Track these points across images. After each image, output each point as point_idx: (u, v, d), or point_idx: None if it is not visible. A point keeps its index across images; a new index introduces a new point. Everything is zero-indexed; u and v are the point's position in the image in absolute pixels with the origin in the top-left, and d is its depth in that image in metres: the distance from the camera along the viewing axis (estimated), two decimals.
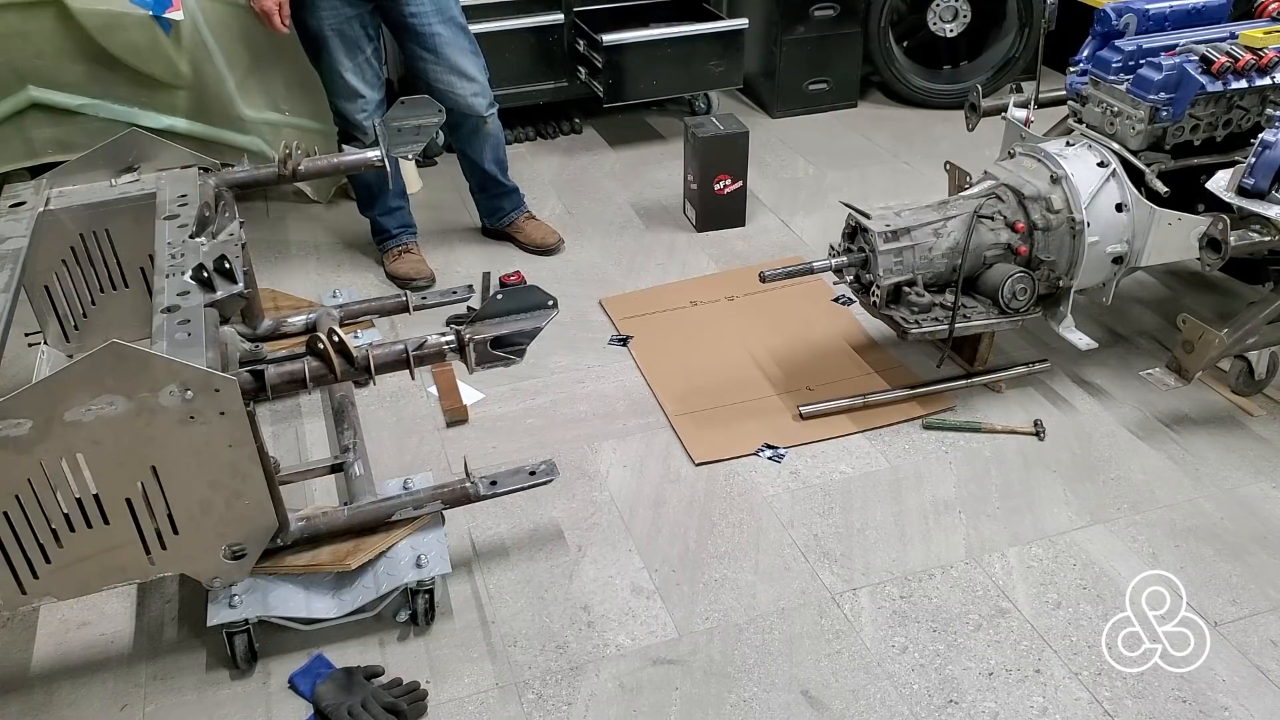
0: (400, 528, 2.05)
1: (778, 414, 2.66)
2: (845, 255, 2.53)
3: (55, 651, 2.05)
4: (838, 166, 4.06)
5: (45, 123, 3.35)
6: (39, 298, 2.37)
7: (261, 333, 2.66)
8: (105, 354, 1.60)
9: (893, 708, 1.90)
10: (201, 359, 1.72)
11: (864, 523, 2.33)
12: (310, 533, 2.00)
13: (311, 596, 2.00)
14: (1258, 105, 2.52)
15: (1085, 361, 2.79)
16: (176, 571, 1.86)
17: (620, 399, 2.75)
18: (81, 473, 1.69)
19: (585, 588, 2.17)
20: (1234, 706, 1.89)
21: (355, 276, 3.35)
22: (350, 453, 2.32)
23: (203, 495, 1.79)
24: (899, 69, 4.51)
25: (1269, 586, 2.14)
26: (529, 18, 4.09)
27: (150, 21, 3.18)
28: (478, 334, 1.87)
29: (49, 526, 1.72)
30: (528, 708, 1.92)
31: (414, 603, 2.04)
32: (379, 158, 2.56)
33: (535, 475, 2.14)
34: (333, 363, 1.80)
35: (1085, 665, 1.98)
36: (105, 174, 2.37)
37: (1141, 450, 2.52)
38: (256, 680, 1.97)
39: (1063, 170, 2.47)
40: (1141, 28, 2.59)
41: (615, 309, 3.13)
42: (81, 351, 2.40)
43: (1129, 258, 2.51)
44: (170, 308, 1.87)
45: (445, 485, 2.11)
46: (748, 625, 2.08)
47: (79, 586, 1.82)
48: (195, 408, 1.69)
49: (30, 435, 1.62)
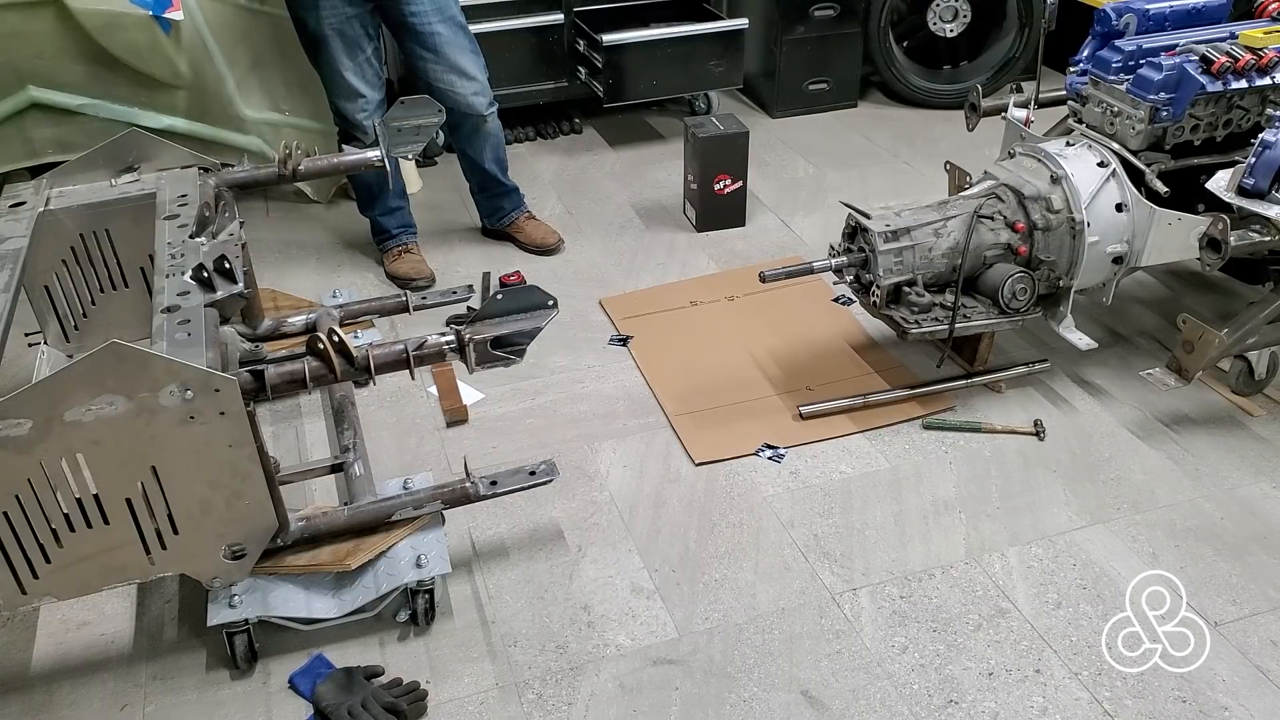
0: (400, 528, 2.05)
1: (778, 414, 2.66)
2: (845, 255, 2.53)
3: (55, 651, 2.05)
4: (838, 166, 4.06)
5: (45, 123, 3.36)
6: (39, 298, 2.37)
7: (261, 333, 2.66)
8: (105, 354, 1.60)
9: (893, 708, 1.90)
10: (201, 359, 1.72)
11: (864, 523, 2.33)
12: (310, 533, 2.00)
13: (311, 596, 2.00)
14: (1258, 105, 2.52)
15: (1085, 361, 2.79)
16: (176, 571, 1.86)
17: (620, 399, 2.75)
18: (81, 473, 1.69)
19: (585, 588, 2.17)
20: (1234, 706, 1.89)
21: (355, 276, 3.35)
22: (350, 453, 2.32)
23: (203, 495, 1.79)
24: (899, 69, 4.51)
25: (1269, 586, 2.14)
26: (529, 18, 4.09)
27: (150, 21, 3.18)
28: (478, 334, 1.87)
29: (49, 526, 1.73)
30: (528, 708, 1.92)
31: (414, 603, 2.04)
32: (379, 158, 2.56)
33: (535, 475, 2.15)
34: (333, 363, 1.80)
35: (1085, 665, 1.98)
36: (105, 174, 2.38)
37: (1141, 450, 2.52)
38: (256, 680, 1.97)
39: (1063, 170, 2.47)
40: (1141, 28, 2.59)
41: (615, 309, 3.13)
42: (82, 351, 2.39)
43: (1129, 258, 2.51)
44: (170, 308, 1.87)
45: (445, 485, 2.11)
46: (748, 625, 2.08)
47: (79, 586, 1.82)
48: (195, 408, 1.69)
49: (30, 435, 1.62)
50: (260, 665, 1.99)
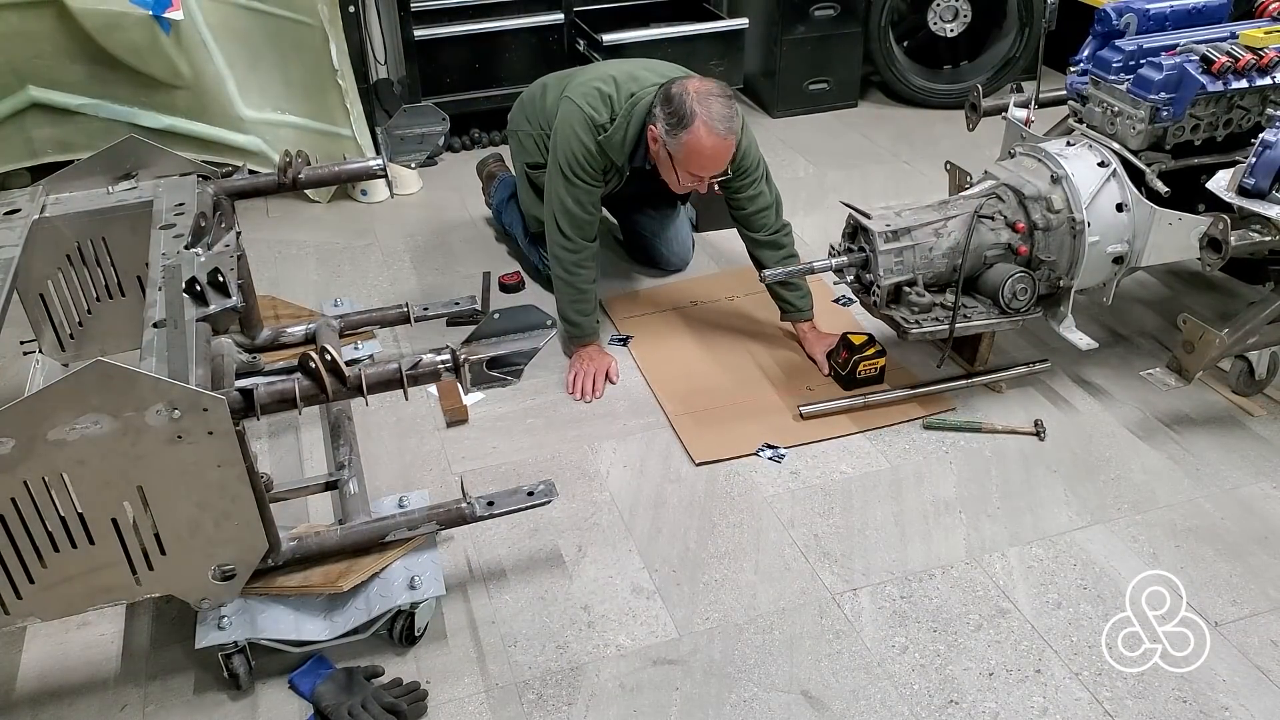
0: (394, 548, 2.01)
1: (778, 414, 2.66)
2: (845, 255, 2.53)
3: (55, 651, 2.05)
4: (838, 166, 4.06)
5: (45, 123, 3.36)
6: (34, 306, 2.32)
7: (260, 343, 2.60)
8: (90, 372, 1.56)
9: (893, 708, 1.90)
10: (190, 377, 1.68)
11: (864, 523, 2.32)
12: (302, 553, 1.96)
13: (302, 618, 1.96)
14: (1258, 105, 2.52)
15: (1085, 361, 2.79)
16: (164, 592, 1.82)
17: (620, 399, 2.75)
18: (66, 492, 1.65)
19: (585, 588, 2.17)
20: (1234, 706, 1.89)
21: (355, 277, 3.35)
22: (345, 470, 2.27)
23: (191, 516, 1.74)
24: (899, 69, 4.51)
25: (1269, 586, 2.13)
26: (529, 18, 4.09)
27: (150, 21, 3.18)
28: (473, 354, 1.83)
29: (33, 546, 1.68)
30: (528, 708, 1.92)
31: (393, 623, 2.01)
32: (380, 166, 2.55)
33: (533, 496, 2.09)
34: (324, 382, 1.76)
35: (1085, 665, 1.97)
36: (103, 181, 2.34)
37: (1142, 450, 2.52)
38: (256, 681, 1.97)
39: (1063, 170, 2.47)
40: (1142, 27, 2.59)
41: (615, 309, 3.13)
42: (77, 360, 2.38)
43: (1129, 258, 2.51)
44: (160, 322, 1.83)
45: (441, 506, 2.06)
46: (748, 625, 2.08)
47: (64, 607, 1.78)
48: (183, 427, 1.64)
49: (12, 454, 1.58)
50: (260, 665, 1.99)
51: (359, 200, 3.85)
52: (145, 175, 2.37)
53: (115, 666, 2.01)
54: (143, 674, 2.00)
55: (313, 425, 2.66)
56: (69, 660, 2.03)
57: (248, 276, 2.49)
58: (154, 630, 2.09)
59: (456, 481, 2.39)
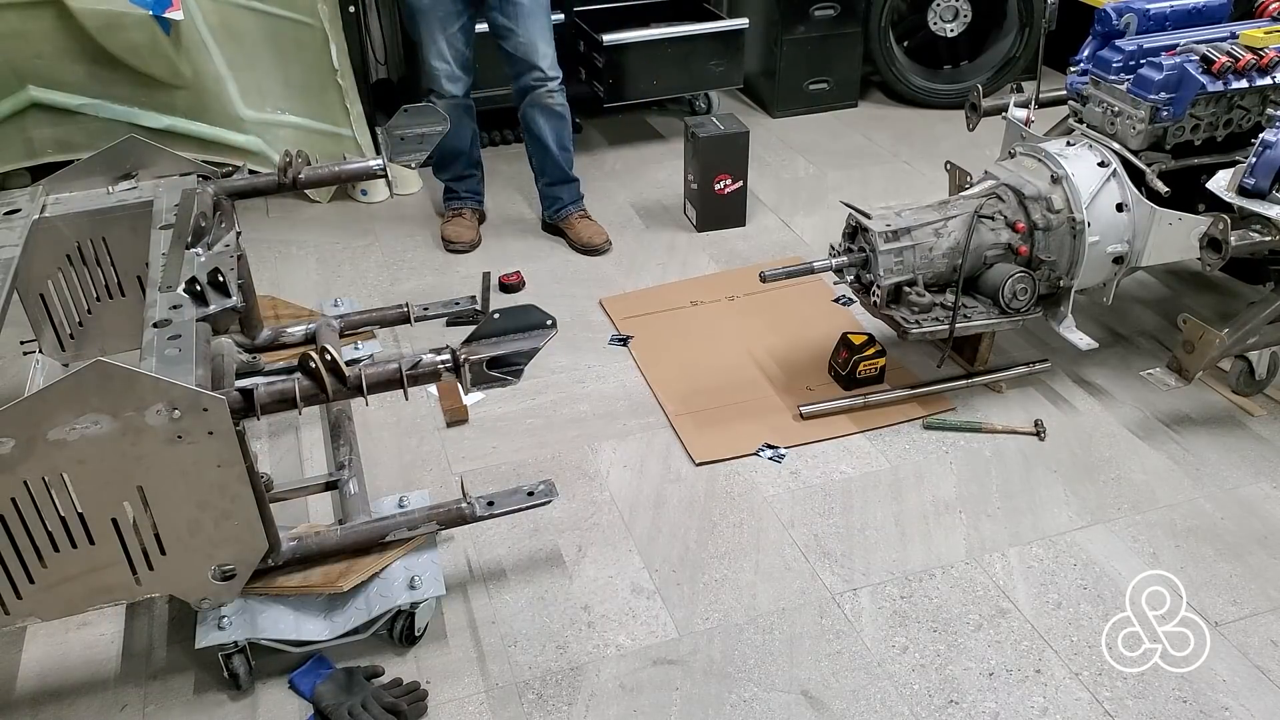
0: (394, 549, 2.01)
1: (778, 414, 2.66)
2: (846, 255, 2.53)
3: (55, 651, 2.05)
4: (838, 166, 4.06)
5: (45, 123, 3.36)
6: (34, 306, 2.32)
7: (260, 343, 2.60)
8: (90, 372, 1.56)
9: (893, 708, 1.90)
10: (190, 377, 1.68)
11: (864, 523, 2.32)
12: (302, 553, 1.96)
13: (302, 618, 1.96)
14: (1258, 105, 2.52)
15: (1085, 361, 2.79)
16: (164, 592, 1.83)
17: (620, 399, 2.75)
18: (66, 492, 1.65)
19: (585, 588, 2.17)
20: (1234, 706, 1.89)
21: (355, 276, 3.35)
22: (345, 470, 2.27)
23: (191, 516, 1.75)
24: (899, 69, 4.51)
25: (1269, 586, 2.14)
26: None
27: (150, 21, 3.18)
28: (474, 354, 1.83)
29: (33, 546, 1.68)
30: (528, 708, 1.92)
31: (394, 623, 2.01)
32: (380, 166, 2.55)
33: (534, 496, 2.10)
34: (324, 382, 1.76)
35: (1086, 665, 1.97)
36: (103, 181, 2.34)
37: (1142, 450, 2.52)
38: (256, 681, 1.97)
39: (1063, 170, 2.47)
40: (1142, 27, 2.59)
41: (615, 309, 3.13)
42: (77, 360, 2.37)
43: (1129, 258, 2.51)
44: (160, 322, 1.83)
45: (441, 506, 2.06)
46: (748, 625, 2.08)
47: (64, 607, 1.78)
48: (183, 427, 1.64)
49: (13, 454, 1.58)
50: (260, 665, 1.99)
51: (359, 200, 3.85)
52: (145, 175, 2.37)
53: (115, 666, 2.01)
54: (143, 674, 2.00)
55: (313, 425, 2.65)
56: (69, 660, 2.03)
57: (248, 276, 2.49)
58: (154, 630, 2.09)
59: (456, 481, 2.39)
